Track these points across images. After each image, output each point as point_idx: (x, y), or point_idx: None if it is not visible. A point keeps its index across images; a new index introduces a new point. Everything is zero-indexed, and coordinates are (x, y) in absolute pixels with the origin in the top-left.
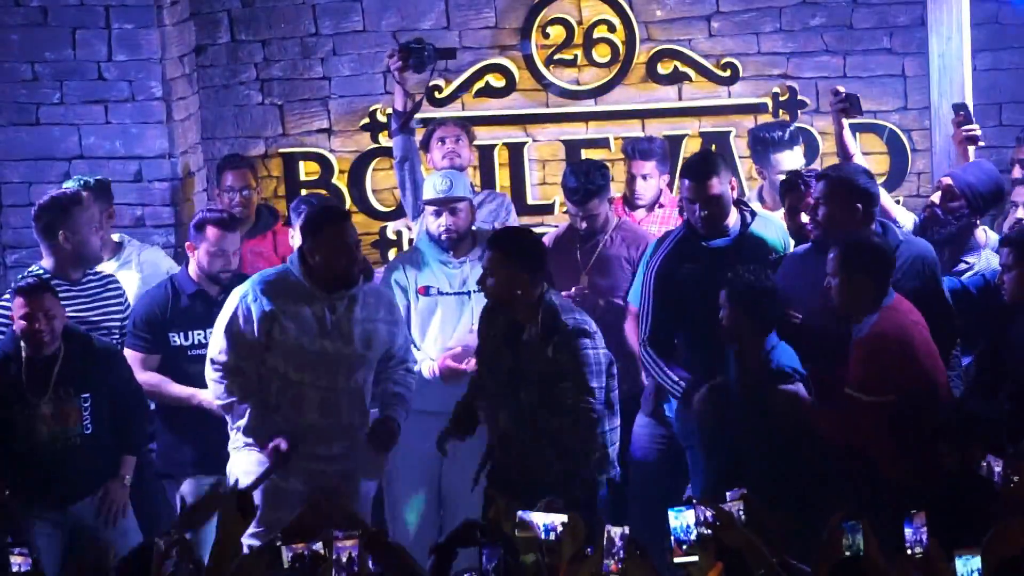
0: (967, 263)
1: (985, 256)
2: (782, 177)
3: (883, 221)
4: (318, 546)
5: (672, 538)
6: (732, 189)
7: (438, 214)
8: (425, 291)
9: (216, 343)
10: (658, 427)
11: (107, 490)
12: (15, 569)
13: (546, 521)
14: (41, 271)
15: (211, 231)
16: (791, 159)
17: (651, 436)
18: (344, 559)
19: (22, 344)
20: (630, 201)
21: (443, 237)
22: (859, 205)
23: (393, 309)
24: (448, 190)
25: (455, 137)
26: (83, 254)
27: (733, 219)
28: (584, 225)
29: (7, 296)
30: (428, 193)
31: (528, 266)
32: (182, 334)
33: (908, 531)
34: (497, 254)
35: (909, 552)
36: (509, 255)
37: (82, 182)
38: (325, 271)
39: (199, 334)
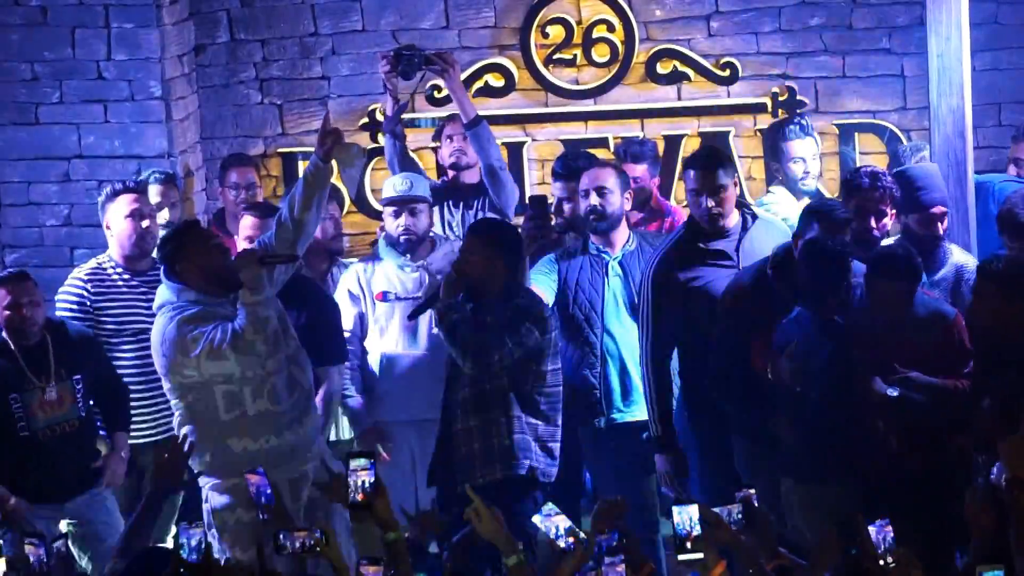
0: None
1: (954, 264)
2: (795, 165)
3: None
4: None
5: (675, 535)
6: (735, 185)
7: (397, 215)
8: (383, 296)
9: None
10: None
11: (107, 462)
12: (33, 560)
13: (558, 527)
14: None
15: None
16: (802, 147)
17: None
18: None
19: (5, 336)
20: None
21: (401, 239)
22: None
23: None
24: (408, 190)
25: (463, 135)
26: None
27: (734, 221)
28: (569, 208)
29: None
30: (387, 193)
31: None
32: None
33: (873, 531)
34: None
35: (881, 557)
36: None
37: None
38: (206, 279)
39: None
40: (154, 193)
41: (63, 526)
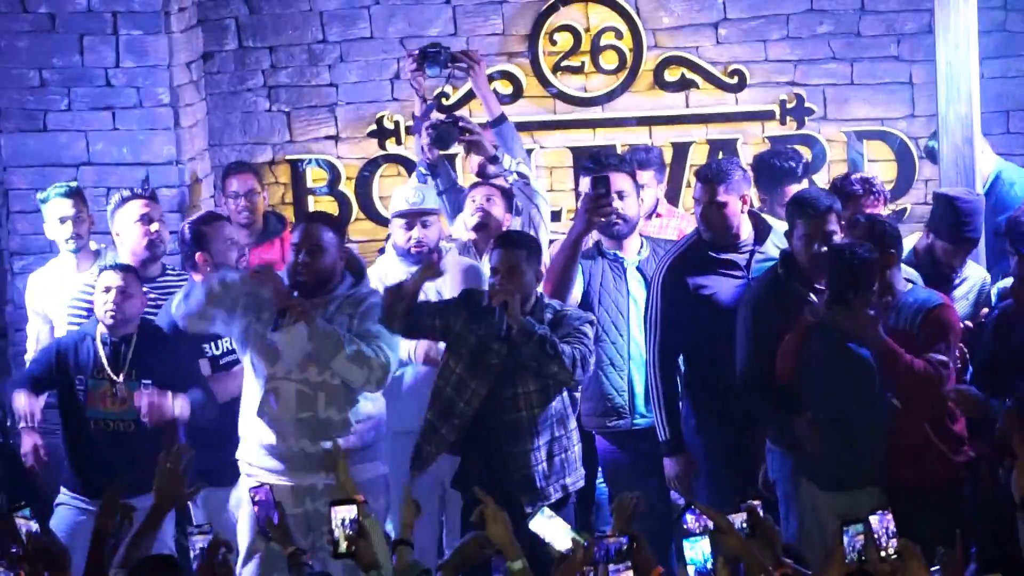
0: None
1: (975, 279)
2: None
3: None
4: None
5: (691, 567)
6: (744, 203)
7: (409, 227)
8: None
9: None
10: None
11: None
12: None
13: (557, 532)
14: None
15: None
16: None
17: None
18: None
19: (100, 326)
20: None
21: (412, 251)
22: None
23: None
24: (419, 203)
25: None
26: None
27: (746, 232)
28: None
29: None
30: (398, 205)
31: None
32: (213, 343)
33: (874, 521)
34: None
35: (882, 550)
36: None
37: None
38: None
39: (227, 342)
40: (67, 206)
41: None
